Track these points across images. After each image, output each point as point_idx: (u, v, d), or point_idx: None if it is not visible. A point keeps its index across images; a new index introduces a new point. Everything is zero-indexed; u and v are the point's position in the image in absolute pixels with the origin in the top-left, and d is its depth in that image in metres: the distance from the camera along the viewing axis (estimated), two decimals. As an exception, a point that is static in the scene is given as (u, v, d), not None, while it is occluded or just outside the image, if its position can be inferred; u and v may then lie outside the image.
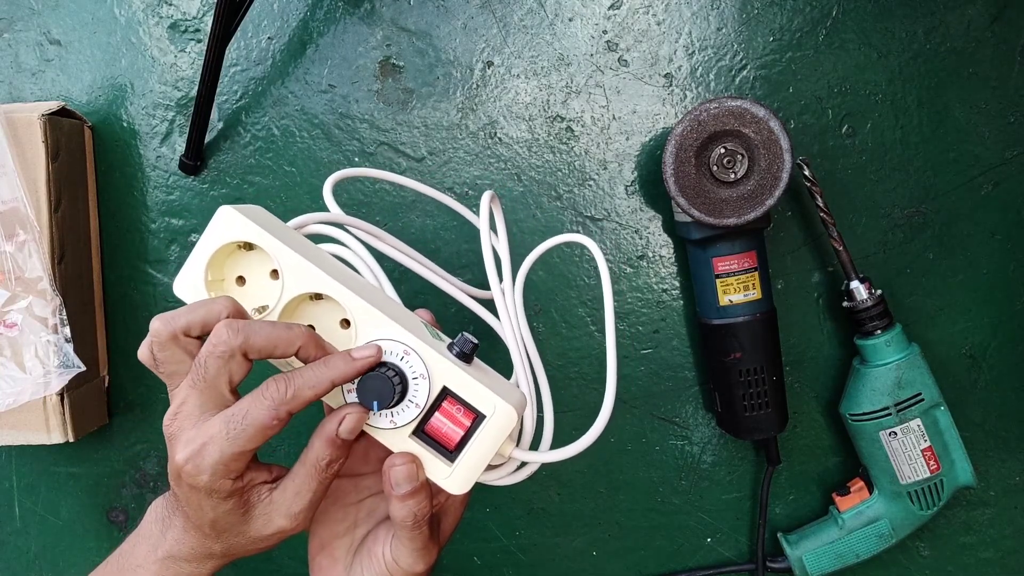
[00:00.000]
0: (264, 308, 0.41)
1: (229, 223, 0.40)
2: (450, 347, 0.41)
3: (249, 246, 0.41)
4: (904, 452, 0.59)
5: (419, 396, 0.40)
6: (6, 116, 0.56)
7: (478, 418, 0.40)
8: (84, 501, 0.67)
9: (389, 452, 0.42)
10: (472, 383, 0.40)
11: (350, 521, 0.47)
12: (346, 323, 0.41)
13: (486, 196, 0.46)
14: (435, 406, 0.40)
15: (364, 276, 0.45)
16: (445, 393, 0.40)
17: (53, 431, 0.59)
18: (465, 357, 0.41)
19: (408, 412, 0.40)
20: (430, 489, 0.41)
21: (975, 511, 0.65)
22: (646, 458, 0.65)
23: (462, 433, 0.40)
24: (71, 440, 0.59)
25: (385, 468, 0.40)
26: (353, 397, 0.40)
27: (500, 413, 0.40)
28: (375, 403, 0.39)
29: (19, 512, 0.67)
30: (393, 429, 0.40)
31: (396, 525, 0.41)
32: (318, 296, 0.41)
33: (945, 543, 0.66)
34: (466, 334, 0.41)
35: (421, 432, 0.41)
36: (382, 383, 0.39)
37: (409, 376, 0.40)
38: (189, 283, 0.41)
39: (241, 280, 0.42)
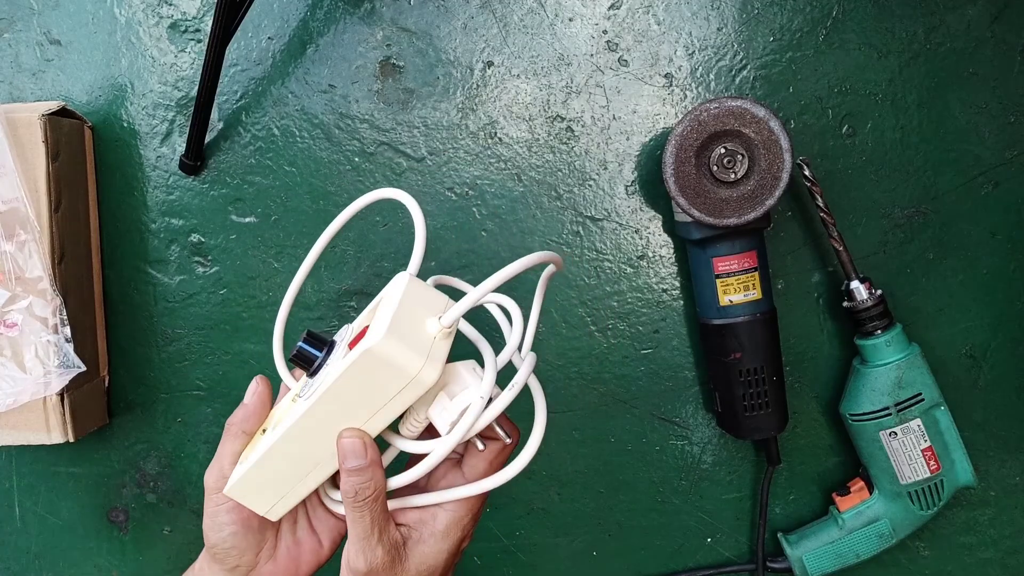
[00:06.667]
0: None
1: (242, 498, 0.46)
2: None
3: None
4: (904, 452, 0.59)
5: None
6: (6, 116, 0.56)
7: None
8: (84, 501, 0.67)
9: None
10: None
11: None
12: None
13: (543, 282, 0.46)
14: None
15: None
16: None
17: (53, 431, 0.59)
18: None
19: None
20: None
21: (975, 511, 0.65)
22: (646, 458, 0.65)
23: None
24: (71, 440, 0.59)
25: (336, 438, 0.42)
26: None
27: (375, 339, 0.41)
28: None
29: (19, 512, 0.67)
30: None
31: (342, 497, 0.43)
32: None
33: (945, 543, 0.66)
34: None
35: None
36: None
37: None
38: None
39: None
